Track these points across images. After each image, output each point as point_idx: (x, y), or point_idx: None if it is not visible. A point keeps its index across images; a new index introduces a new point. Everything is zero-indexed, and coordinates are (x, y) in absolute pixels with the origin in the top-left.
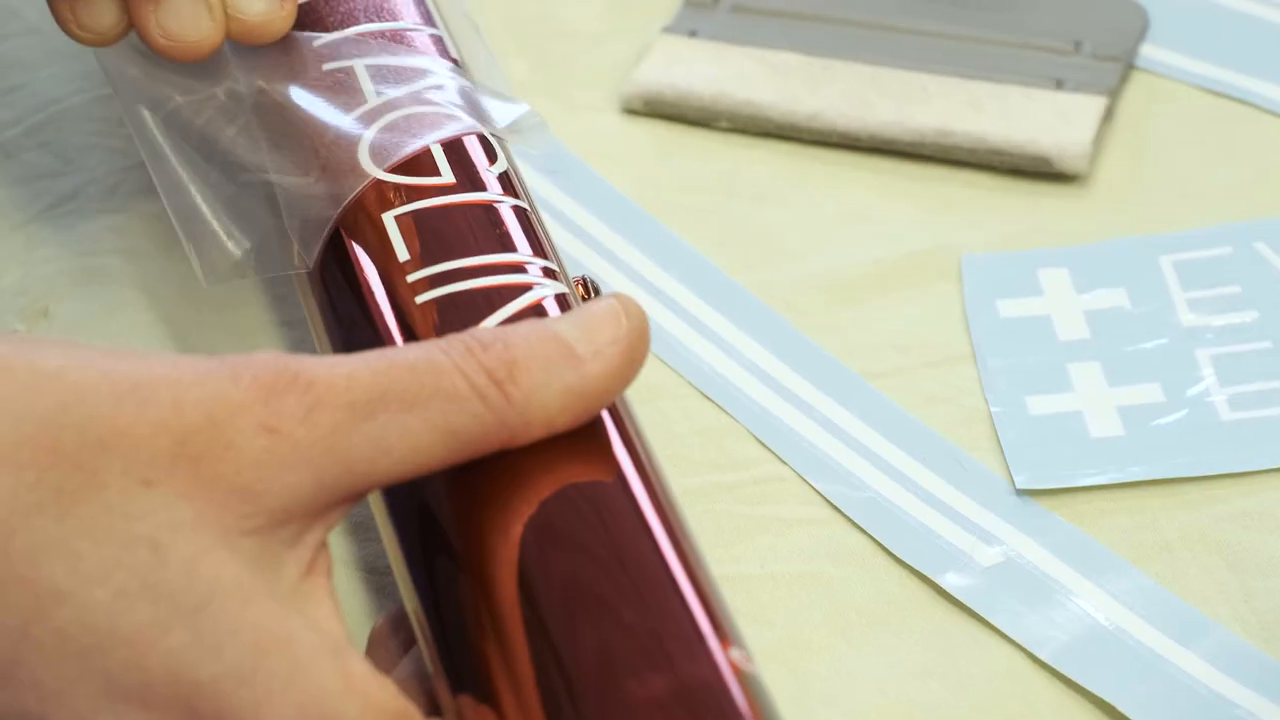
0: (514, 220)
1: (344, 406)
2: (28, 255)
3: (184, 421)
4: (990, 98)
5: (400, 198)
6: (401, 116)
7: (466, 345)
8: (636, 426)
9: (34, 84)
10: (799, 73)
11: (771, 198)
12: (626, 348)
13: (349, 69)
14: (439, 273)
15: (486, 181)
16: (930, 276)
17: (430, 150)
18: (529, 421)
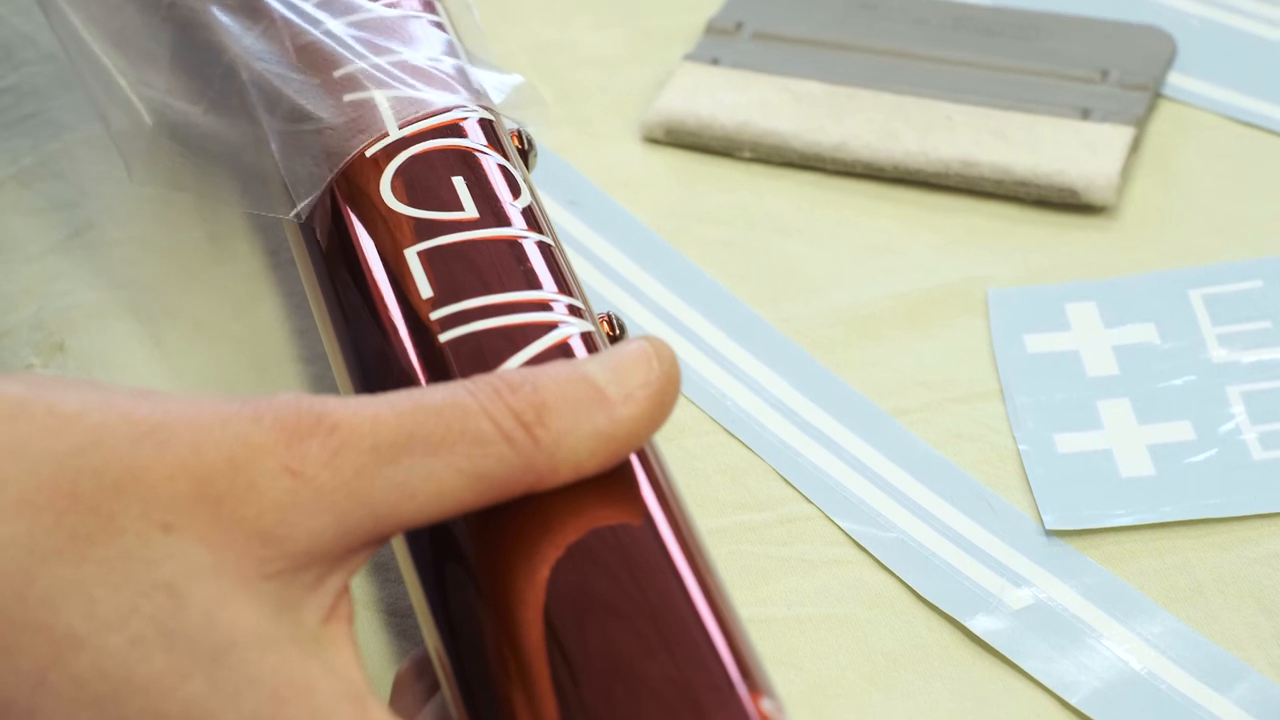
0: (539, 256)
1: (368, 449)
2: (43, 288)
3: (205, 463)
4: (1016, 128)
5: (422, 232)
6: (399, 80)
7: (494, 387)
8: (663, 466)
9: (48, 112)
10: (823, 102)
11: (795, 229)
12: (658, 391)
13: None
14: (462, 310)
15: (510, 216)
16: (956, 310)
17: (452, 184)
18: (557, 466)
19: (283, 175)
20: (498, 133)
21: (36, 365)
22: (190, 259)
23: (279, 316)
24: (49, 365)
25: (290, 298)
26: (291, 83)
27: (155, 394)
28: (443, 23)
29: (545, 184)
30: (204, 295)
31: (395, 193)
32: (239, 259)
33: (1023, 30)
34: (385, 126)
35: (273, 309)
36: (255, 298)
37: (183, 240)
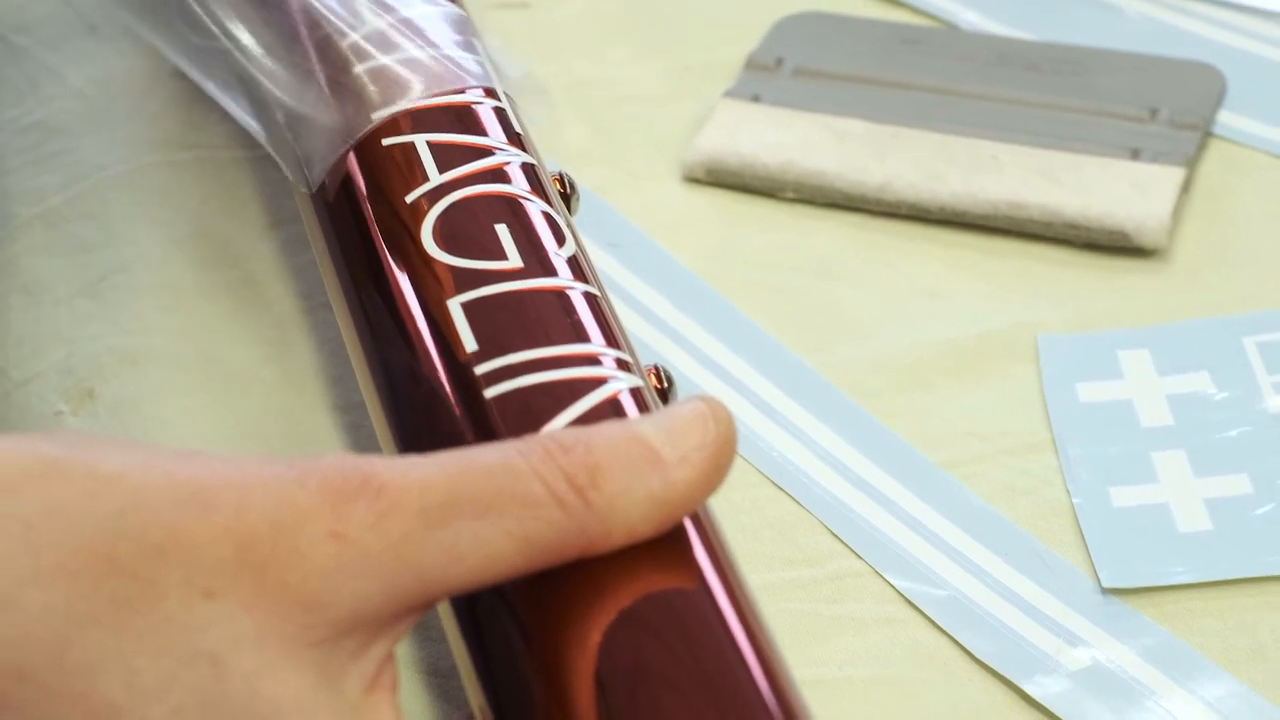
0: (585, 308)
1: (416, 513)
2: (73, 332)
3: (248, 528)
4: (1064, 168)
5: (465, 283)
6: (404, 58)
7: (546, 448)
8: (714, 523)
9: (77, 150)
10: (866, 141)
11: (839, 273)
12: (714, 453)
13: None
14: (508, 365)
15: (556, 265)
16: (1006, 358)
17: (495, 232)
18: (610, 530)
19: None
20: (540, 177)
21: (65, 413)
22: (222, 303)
23: (314, 363)
24: (78, 413)
25: (325, 344)
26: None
27: (198, 455)
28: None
29: (584, 225)
30: (237, 341)
31: (437, 240)
32: (272, 303)
33: (1069, 66)
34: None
35: (307, 355)
36: (289, 343)
37: (215, 283)
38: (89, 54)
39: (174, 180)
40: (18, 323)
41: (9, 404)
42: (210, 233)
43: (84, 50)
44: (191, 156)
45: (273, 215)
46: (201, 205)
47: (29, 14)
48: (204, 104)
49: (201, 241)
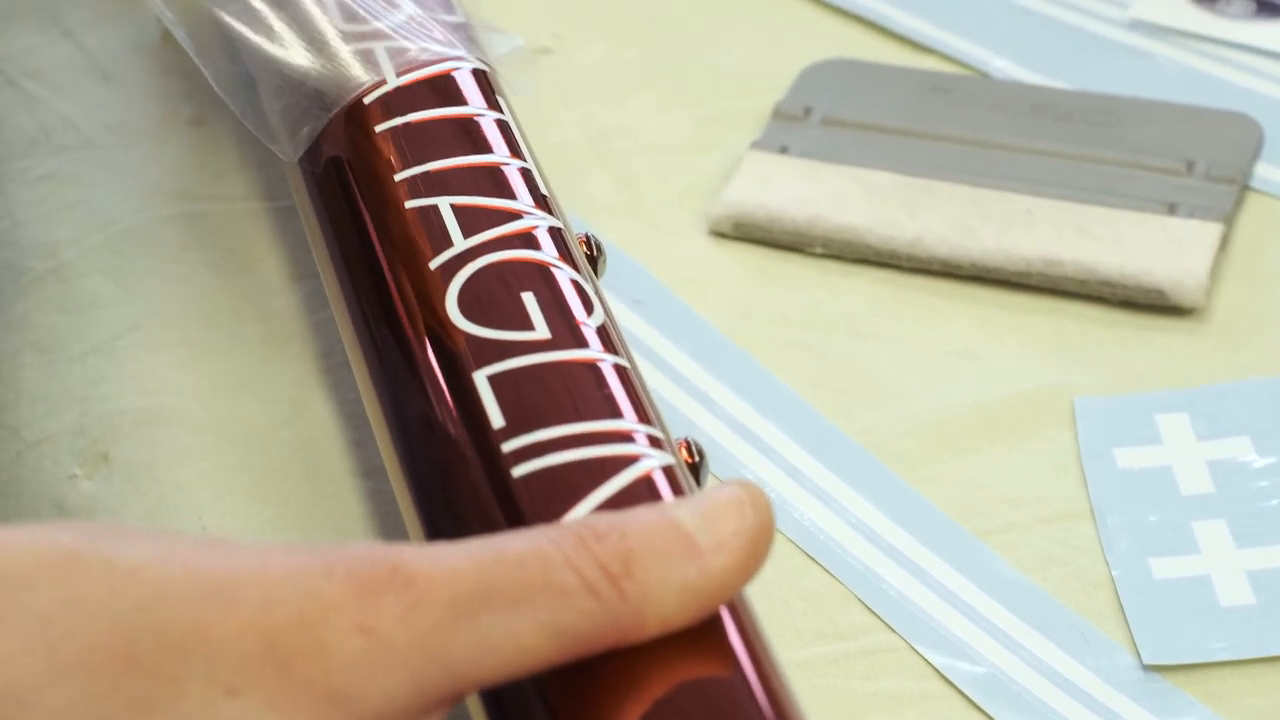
0: (616, 381)
1: (446, 604)
2: (86, 391)
3: (273, 621)
4: (1099, 223)
5: (492, 354)
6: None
7: (579, 535)
8: (747, 604)
9: (91, 202)
10: (896, 195)
11: (870, 331)
12: (751, 540)
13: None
14: (537, 442)
15: (586, 336)
16: (1041, 421)
17: (522, 301)
18: (644, 620)
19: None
20: (567, 241)
21: (79, 476)
22: (240, 361)
23: (333, 424)
24: (92, 476)
25: (344, 405)
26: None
27: (220, 545)
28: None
29: (609, 281)
30: (254, 402)
31: (462, 309)
32: (290, 361)
33: (1102, 116)
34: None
35: (326, 416)
36: (308, 403)
37: (232, 340)
38: (103, 102)
39: (190, 233)
40: (30, 381)
41: (21, 465)
42: (228, 288)
43: (98, 98)
44: (208, 209)
45: (292, 270)
46: (219, 259)
47: (42, 59)
48: (221, 153)
49: (219, 297)
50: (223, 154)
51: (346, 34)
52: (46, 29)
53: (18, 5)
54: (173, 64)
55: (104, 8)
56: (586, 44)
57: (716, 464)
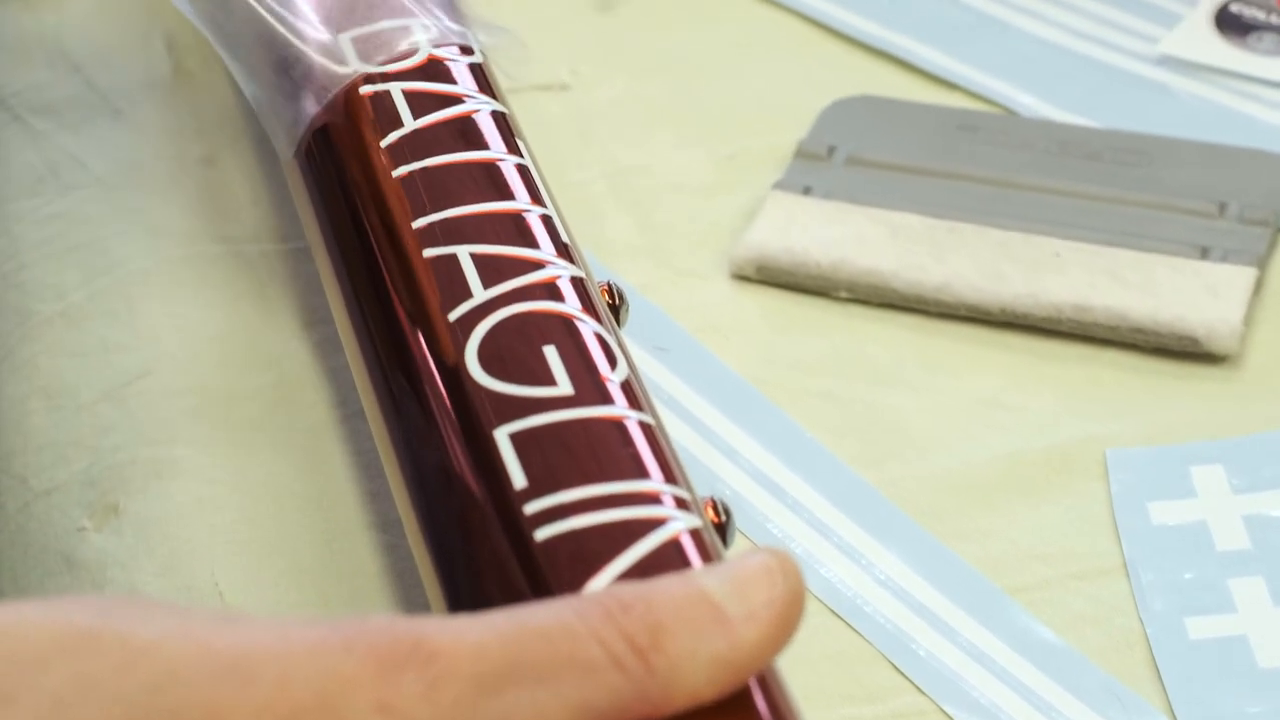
0: (642, 439)
1: (469, 679)
2: (96, 440)
3: (292, 701)
4: (1130, 268)
5: (513, 411)
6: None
7: (605, 608)
8: (775, 670)
9: (100, 242)
10: (923, 237)
11: (897, 379)
12: (782, 611)
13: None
14: (560, 504)
15: (610, 392)
16: (1073, 473)
17: (543, 355)
18: (671, 695)
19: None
20: (589, 292)
21: (89, 529)
22: (252, 410)
23: (349, 476)
24: (101, 529)
25: (360, 456)
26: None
27: (237, 620)
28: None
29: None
30: (268, 452)
31: (483, 364)
32: (304, 409)
33: (1132, 156)
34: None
35: (342, 468)
36: (323, 454)
37: (245, 388)
38: (113, 139)
39: (202, 276)
40: (38, 428)
41: (29, 515)
42: (240, 333)
43: (107, 135)
44: (220, 250)
45: (307, 314)
46: (231, 303)
47: (51, 95)
48: (232, 193)
49: (231, 343)
50: (234, 194)
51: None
52: (55, 63)
53: (26, 39)
54: (183, 100)
55: (114, 42)
56: (605, 80)
57: (741, 519)
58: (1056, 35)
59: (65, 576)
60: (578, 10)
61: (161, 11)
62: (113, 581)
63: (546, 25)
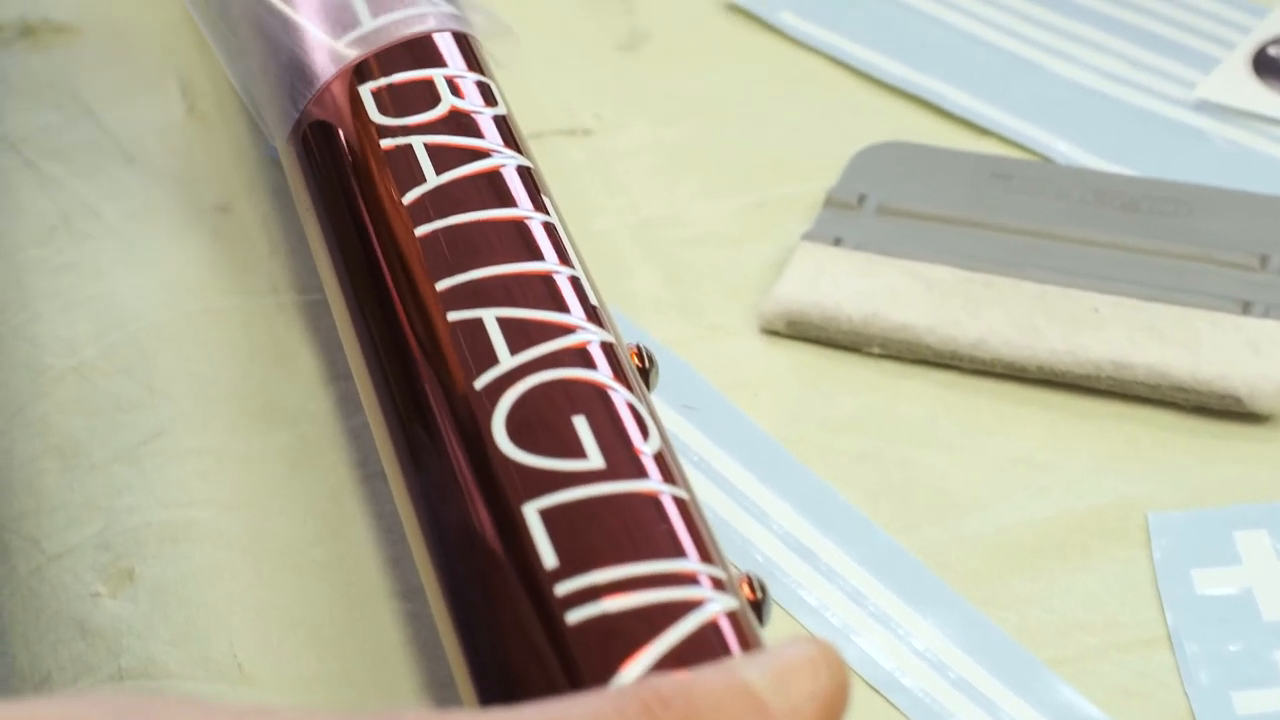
0: (677, 515)
1: None
2: (110, 501)
3: None
4: (1170, 324)
5: (542, 485)
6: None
7: (644, 702)
8: None
9: (113, 295)
10: (957, 291)
11: (931, 439)
12: (825, 705)
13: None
14: (593, 585)
15: (644, 465)
16: (1114, 538)
17: (573, 425)
18: None
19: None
20: (619, 357)
21: (103, 595)
22: (271, 471)
23: (370, 540)
24: (117, 595)
25: (381, 519)
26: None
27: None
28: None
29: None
30: (287, 515)
31: (511, 434)
32: (324, 470)
33: (1170, 206)
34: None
35: (363, 531)
36: (343, 517)
37: (263, 448)
38: (125, 186)
39: (218, 330)
40: (51, 489)
41: (41, 579)
42: (257, 391)
43: (120, 182)
44: (236, 302)
45: (326, 370)
46: (248, 359)
47: (62, 140)
48: (249, 242)
49: (248, 401)
50: (251, 243)
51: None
52: (65, 105)
53: (36, 80)
54: (198, 145)
55: (126, 83)
56: (628, 125)
57: (774, 586)
58: (1090, 79)
59: (79, 644)
60: (600, 50)
61: (174, 51)
62: (128, 650)
63: (568, 66)
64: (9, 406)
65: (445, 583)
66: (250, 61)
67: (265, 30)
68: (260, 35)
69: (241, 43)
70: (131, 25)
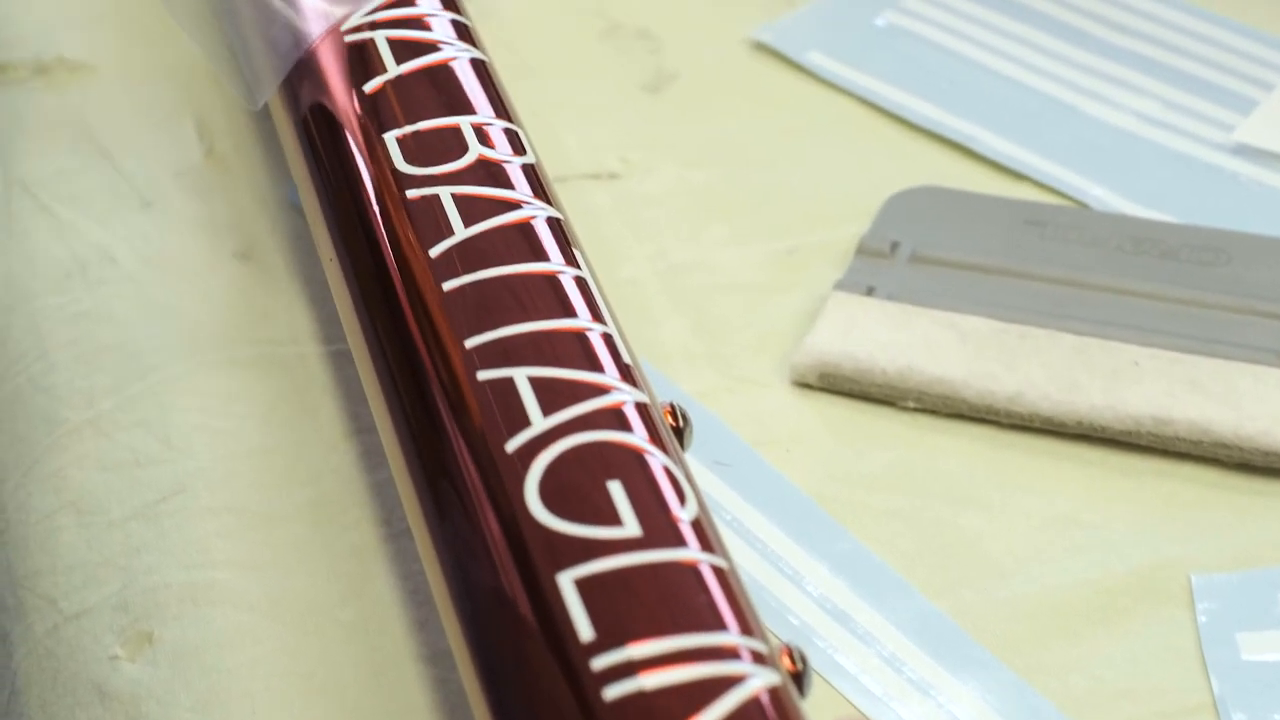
0: (716, 585)
1: None
2: (128, 561)
3: None
4: (1212, 377)
5: (577, 554)
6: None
7: None
8: None
9: (131, 345)
10: (993, 343)
11: (968, 497)
12: None
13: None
14: (632, 660)
15: (682, 533)
16: (1157, 600)
17: (608, 491)
18: None
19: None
20: (654, 419)
21: (121, 658)
22: (293, 530)
23: (395, 601)
24: (135, 659)
25: (407, 580)
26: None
27: None
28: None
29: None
30: (310, 575)
31: (544, 500)
32: (348, 529)
33: (1210, 254)
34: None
35: (387, 592)
36: (367, 577)
37: (284, 506)
38: (142, 232)
39: (237, 382)
40: (68, 546)
41: (58, 639)
42: (278, 446)
43: (137, 227)
44: (256, 353)
45: (348, 423)
46: (269, 411)
47: (78, 184)
48: (268, 290)
49: (268, 456)
50: (270, 291)
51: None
52: (81, 148)
53: (50, 121)
54: (216, 189)
55: (142, 124)
56: (655, 169)
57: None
58: (1126, 121)
59: (97, 708)
60: (626, 92)
61: (191, 91)
62: (148, 717)
63: (594, 109)
64: (25, 459)
65: (475, 653)
66: (236, 21)
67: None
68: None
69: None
70: (147, 64)
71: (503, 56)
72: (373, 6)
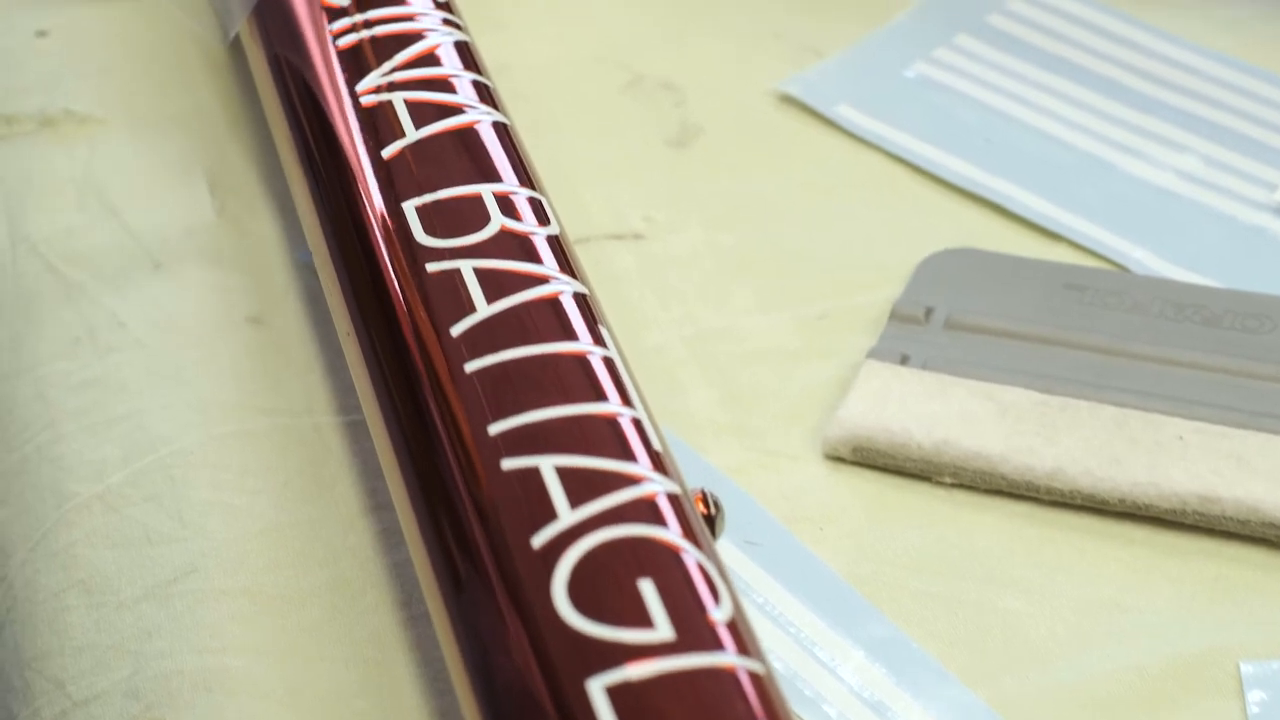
0: (754, 695)
1: None
2: (139, 645)
3: None
4: (1260, 453)
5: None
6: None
7: None
8: None
9: (140, 415)
10: (1032, 416)
11: (1008, 578)
12: None
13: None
14: None
15: (719, 636)
16: (1204, 689)
17: (638, 591)
18: None
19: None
20: (686, 510)
21: None
22: (309, 614)
23: (416, 690)
24: None
25: (428, 666)
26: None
27: None
28: None
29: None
30: (327, 663)
31: (573, 599)
32: (366, 613)
33: (1255, 321)
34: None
35: (407, 680)
36: (387, 665)
37: (300, 588)
38: (152, 295)
39: (250, 455)
40: (77, 627)
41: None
42: (294, 523)
43: (146, 291)
44: (269, 424)
45: (365, 499)
46: (283, 486)
47: (85, 243)
48: (283, 357)
49: (283, 534)
50: (284, 358)
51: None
52: (88, 205)
53: (57, 177)
54: (228, 250)
55: (151, 180)
56: (680, 229)
57: None
58: (1167, 180)
59: None
60: (650, 148)
61: (202, 144)
62: None
63: (617, 166)
64: (33, 533)
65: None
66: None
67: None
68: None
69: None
70: (156, 116)
71: (520, 109)
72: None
